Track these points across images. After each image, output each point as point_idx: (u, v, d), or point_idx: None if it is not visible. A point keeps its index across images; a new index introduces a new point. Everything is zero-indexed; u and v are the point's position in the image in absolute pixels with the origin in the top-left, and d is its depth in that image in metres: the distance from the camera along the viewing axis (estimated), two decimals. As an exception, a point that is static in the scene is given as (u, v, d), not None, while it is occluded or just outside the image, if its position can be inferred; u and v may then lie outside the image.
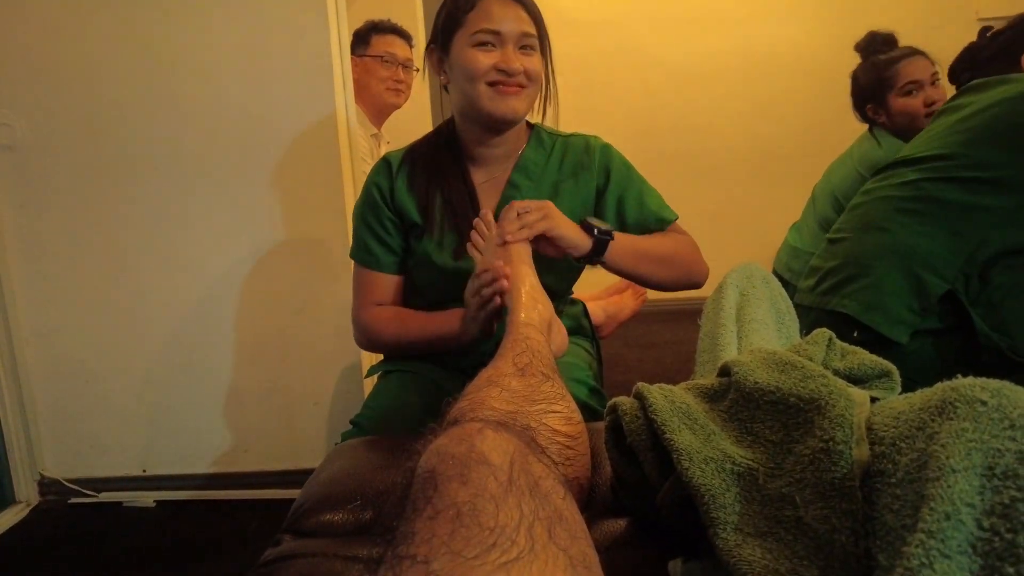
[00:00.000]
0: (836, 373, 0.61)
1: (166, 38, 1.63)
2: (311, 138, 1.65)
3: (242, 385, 1.78)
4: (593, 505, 0.66)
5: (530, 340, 0.73)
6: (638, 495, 0.61)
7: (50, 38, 1.65)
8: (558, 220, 0.98)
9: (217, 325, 1.75)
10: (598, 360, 1.28)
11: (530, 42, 1.05)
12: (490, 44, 1.03)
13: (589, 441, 0.66)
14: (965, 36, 1.41)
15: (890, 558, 0.39)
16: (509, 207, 0.98)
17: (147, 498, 1.80)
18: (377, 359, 1.24)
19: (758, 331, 0.85)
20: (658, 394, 0.59)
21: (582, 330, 1.28)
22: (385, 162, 1.16)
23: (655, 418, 0.56)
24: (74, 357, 1.78)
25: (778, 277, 1.70)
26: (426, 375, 1.13)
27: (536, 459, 0.42)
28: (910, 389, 0.52)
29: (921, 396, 0.47)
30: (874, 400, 0.55)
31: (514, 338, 0.74)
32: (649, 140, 3.29)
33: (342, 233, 1.67)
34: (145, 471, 1.82)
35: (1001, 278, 1.10)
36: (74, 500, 1.81)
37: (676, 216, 1.17)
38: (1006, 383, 0.43)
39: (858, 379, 0.62)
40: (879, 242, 1.19)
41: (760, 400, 0.55)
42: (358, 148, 1.76)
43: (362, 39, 2.06)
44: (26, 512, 1.78)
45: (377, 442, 0.87)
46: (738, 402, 0.57)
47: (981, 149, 1.11)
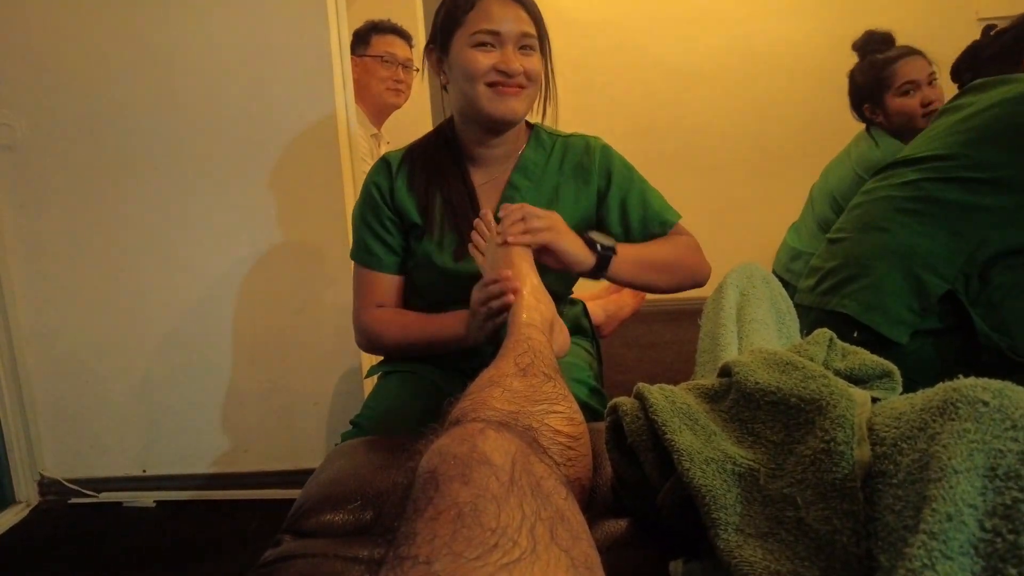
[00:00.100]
0: (837, 373, 0.61)
1: (166, 38, 1.63)
2: (311, 138, 1.64)
3: (242, 385, 1.78)
4: (594, 506, 0.66)
5: (532, 340, 0.73)
6: (639, 495, 0.61)
7: (50, 38, 1.64)
8: (563, 234, 0.97)
9: (217, 325, 1.75)
10: (598, 360, 1.28)
11: (530, 42, 1.04)
12: (489, 44, 1.02)
13: (590, 441, 0.66)
14: (965, 36, 1.40)
15: (892, 559, 0.39)
16: (514, 207, 0.97)
17: (147, 498, 1.80)
18: (377, 360, 1.24)
19: (758, 331, 0.85)
20: (659, 394, 0.59)
21: (582, 330, 1.28)
22: (384, 162, 1.15)
23: (656, 418, 0.56)
24: (74, 357, 1.78)
25: (778, 278, 1.69)
26: (426, 376, 1.13)
27: (538, 459, 0.42)
28: (911, 389, 0.52)
29: (922, 396, 0.46)
30: (875, 400, 0.55)
31: (516, 338, 0.74)
32: (649, 140, 3.29)
33: (342, 233, 1.67)
34: (145, 471, 1.82)
35: (1001, 278, 1.10)
36: (74, 500, 1.81)
37: (679, 217, 1.16)
38: (1008, 383, 0.43)
39: (859, 379, 0.62)
40: (879, 242, 1.19)
41: (761, 400, 0.55)
42: (358, 148, 1.76)
43: (362, 39, 2.05)
44: (26, 512, 1.78)
45: (377, 442, 0.87)
46: (739, 402, 0.57)
47: (981, 149, 1.11)
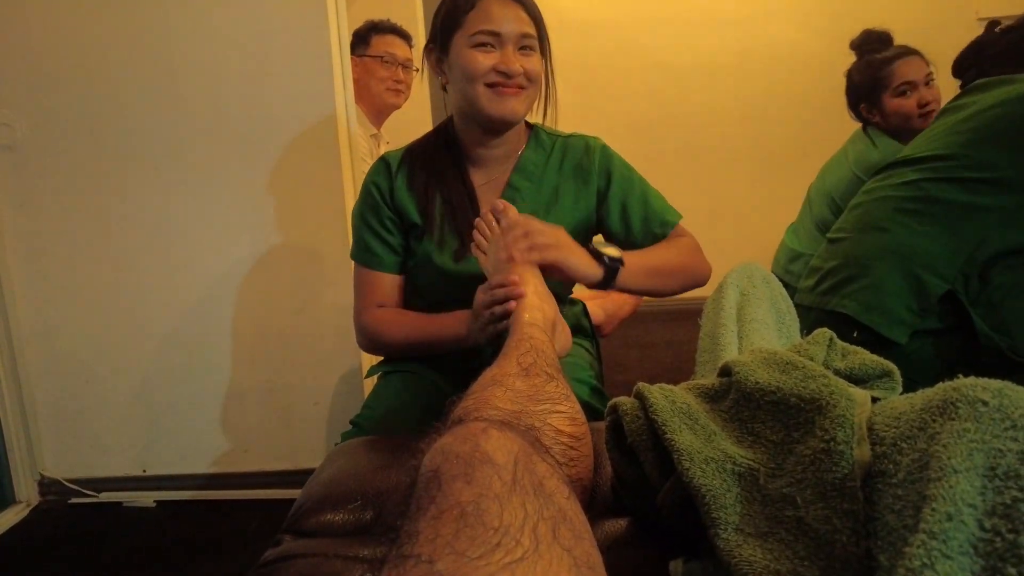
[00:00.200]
0: (837, 373, 0.61)
1: (166, 38, 1.63)
2: (311, 138, 1.64)
3: (242, 385, 1.78)
4: (594, 505, 0.66)
5: (534, 340, 0.73)
6: (639, 495, 0.61)
7: (50, 38, 1.64)
8: (570, 250, 0.96)
9: (217, 325, 1.75)
10: (598, 360, 1.28)
11: (530, 43, 1.04)
12: (489, 45, 1.02)
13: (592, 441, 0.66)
14: (965, 35, 1.40)
15: (891, 559, 0.40)
16: (514, 219, 0.96)
17: (147, 498, 1.80)
18: (377, 360, 1.24)
19: (758, 331, 0.85)
20: (659, 394, 0.59)
21: (582, 330, 1.28)
22: (384, 162, 1.15)
23: (656, 418, 0.56)
24: (74, 357, 1.78)
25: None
26: (426, 376, 1.13)
27: (540, 459, 0.42)
28: (910, 389, 0.52)
29: (922, 396, 0.47)
30: (875, 400, 0.55)
31: (518, 338, 0.74)
32: (649, 140, 3.29)
33: (342, 233, 1.67)
34: (145, 471, 1.82)
35: (1001, 278, 1.10)
36: (74, 500, 1.81)
37: (680, 217, 1.16)
38: (1007, 383, 0.43)
39: (859, 379, 0.62)
40: (879, 242, 1.19)
41: (761, 400, 0.55)
42: (358, 148, 1.76)
43: (362, 39, 2.05)
44: (26, 512, 1.78)
45: (377, 442, 0.87)
46: (739, 402, 0.57)
47: (982, 149, 1.11)
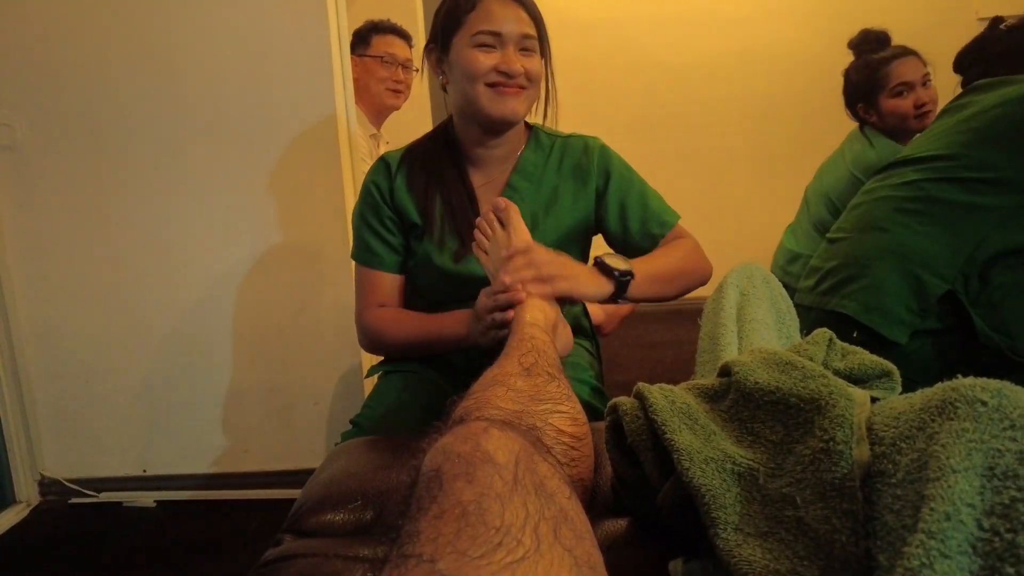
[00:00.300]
0: (836, 373, 0.61)
1: (166, 38, 1.63)
2: (311, 138, 1.65)
3: (242, 385, 1.78)
4: (594, 505, 0.66)
5: (535, 340, 0.73)
6: (639, 495, 0.61)
7: (50, 38, 1.64)
8: (576, 279, 0.94)
9: (217, 325, 1.75)
10: (598, 360, 1.28)
11: (530, 43, 1.04)
12: (490, 45, 1.02)
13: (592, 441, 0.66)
14: (965, 36, 1.40)
15: (890, 558, 0.40)
16: (518, 245, 0.92)
17: (147, 498, 1.80)
18: (377, 359, 1.24)
19: (758, 331, 0.85)
20: (658, 394, 0.59)
21: (582, 330, 1.28)
22: (383, 162, 1.15)
23: (655, 418, 0.56)
24: (74, 357, 1.78)
25: (776, 281, 1.69)
26: (426, 376, 1.13)
27: (541, 459, 0.42)
28: (910, 389, 0.52)
29: (921, 396, 0.47)
30: (874, 400, 0.55)
31: (520, 338, 0.74)
32: (648, 140, 3.29)
33: (342, 233, 1.67)
34: (145, 471, 1.82)
35: (1001, 278, 1.10)
36: (74, 500, 1.81)
37: (678, 217, 1.16)
38: (1006, 383, 0.43)
39: (858, 379, 0.62)
40: (879, 242, 1.19)
41: (760, 400, 0.56)
42: (358, 148, 1.76)
43: (362, 39, 2.05)
44: (26, 512, 1.78)
45: (377, 442, 0.87)
46: (738, 402, 0.58)
47: (982, 150, 1.11)
